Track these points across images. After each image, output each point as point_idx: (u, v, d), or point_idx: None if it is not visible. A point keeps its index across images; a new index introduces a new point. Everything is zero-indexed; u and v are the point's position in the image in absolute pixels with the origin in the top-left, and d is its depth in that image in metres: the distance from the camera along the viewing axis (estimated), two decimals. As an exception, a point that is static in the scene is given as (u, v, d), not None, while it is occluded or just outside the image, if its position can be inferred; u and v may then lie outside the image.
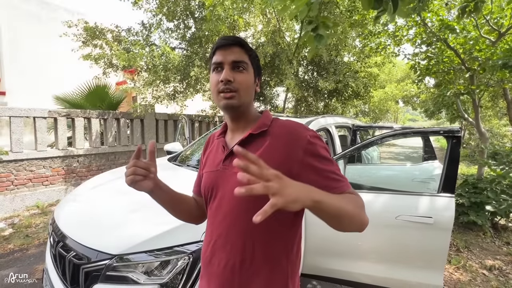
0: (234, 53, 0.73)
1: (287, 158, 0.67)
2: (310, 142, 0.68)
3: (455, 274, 2.55)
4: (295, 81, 5.76)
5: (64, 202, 1.69)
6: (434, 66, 4.57)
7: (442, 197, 1.65)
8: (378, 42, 5.44)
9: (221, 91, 0.71)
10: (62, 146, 4.45)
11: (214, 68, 0.75)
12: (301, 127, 0.72)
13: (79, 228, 1.35)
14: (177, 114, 6.47)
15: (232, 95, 0.71)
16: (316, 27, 1.18)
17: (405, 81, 13.48)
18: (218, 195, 0.74)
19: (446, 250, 1.61)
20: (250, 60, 0.76)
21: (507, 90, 4.71)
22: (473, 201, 3.41)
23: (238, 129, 0.79)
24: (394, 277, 1.72)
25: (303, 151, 0.67)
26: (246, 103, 0.75)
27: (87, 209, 1.56)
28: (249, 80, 0.75)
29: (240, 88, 0.72)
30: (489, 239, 3.24)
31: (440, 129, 1.81)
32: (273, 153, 0.69)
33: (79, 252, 1.21)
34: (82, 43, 5.53)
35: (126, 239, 1.23)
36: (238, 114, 0.76)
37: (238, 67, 0.73)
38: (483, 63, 3.80)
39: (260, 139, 0.72)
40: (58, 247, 1.31)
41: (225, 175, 0.73)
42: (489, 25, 4.07)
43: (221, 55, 0.73)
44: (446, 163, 1.70)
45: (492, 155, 4.14)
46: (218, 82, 0.72)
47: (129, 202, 1.57)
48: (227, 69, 0.72)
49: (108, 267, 1.14)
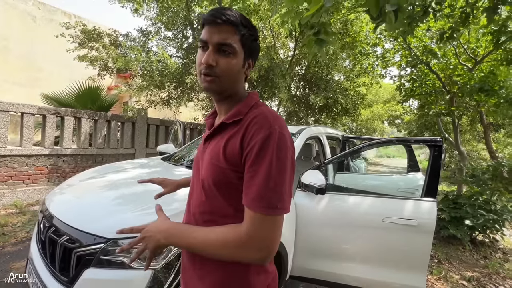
0: (221, 33, 0.64)
1: (239, 148, 0.63)
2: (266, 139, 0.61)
3: (437, 284, 2.62)
4: (287, 95, 5.95)
5: (57, 191, 1.67)
6: (418, 89, 4.89)
7: (425, 202, 1.75)
8: (367, 63, 5.78)
9: (202, 73, 0.66)
10: (49, 144, 4.33)
11: (200, 45, 0.67)
12: (267, 121, 0.63)
13: (72, 213, 1.34)
14: (170, 119, 6.49)
15: (212, 79, 0.65)
16: (317, 31, 1.29)
17: (391, 102, 14.14)
18: (193, 178, 0.78)
19: (429, 252, 1.69)
20: (241, 42, 0.66)
21: (483, 115, 5.08)
22: (453, 215, 3.56)
23: (221, 112, 0.75)
24: (380, 279, 1.77)
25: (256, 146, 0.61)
26: (229, 89, 0.69)
27: (80, 197, 1.55)
28: (234, 65, 0.66)
29: (222, 74, 0.65)
30: (468, 253, 3.36)
31: (423, 139, 1.95)
32: (232, 142, 0.64)
33: (73, 236, 1.20)
34: (79, 44, 5.56)
35: (120, 225, 1.23)
36: (220, 98, 0.72)
37: (224, 50, 0.65)
38: (461, 87, 4.11)
39: (232, 127, 0.67)
40: (49, 233, 1.29)
41: (201, 161, 0.73)
42: (466, 54, 4.45)
43: (207, 33, 0.65)
44: (429, 170, 1.81)
45: (471, 175, 4.38)
46: (201, 63, 0.65)
47: (121, 193, 1.58)
48: (210, 51, 0.64)
49: (102, 250, 1.14)
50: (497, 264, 3.09)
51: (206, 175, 0.68)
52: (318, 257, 1.85)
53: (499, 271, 2.95)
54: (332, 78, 6.75)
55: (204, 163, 0.71)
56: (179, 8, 5.58)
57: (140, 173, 1.98)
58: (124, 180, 1.78)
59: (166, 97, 5.93)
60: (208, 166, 0.68)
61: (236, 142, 0.64)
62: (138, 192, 1.56)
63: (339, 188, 2.28)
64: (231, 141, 0.65)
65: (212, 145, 0.71)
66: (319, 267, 1.85)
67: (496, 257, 3.32)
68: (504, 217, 3.40)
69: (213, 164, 0.67)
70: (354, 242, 1.82)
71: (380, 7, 1.11)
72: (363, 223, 1.80)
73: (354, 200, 1.88)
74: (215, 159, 0.67)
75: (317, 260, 1.85)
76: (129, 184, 1.70)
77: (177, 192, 1.10)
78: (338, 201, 1.88)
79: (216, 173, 0.66)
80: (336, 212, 1.85)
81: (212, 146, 0.70)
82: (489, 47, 4.07)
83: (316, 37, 1.29)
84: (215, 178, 0.66)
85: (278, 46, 7.63)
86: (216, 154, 0.67)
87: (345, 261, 1.83)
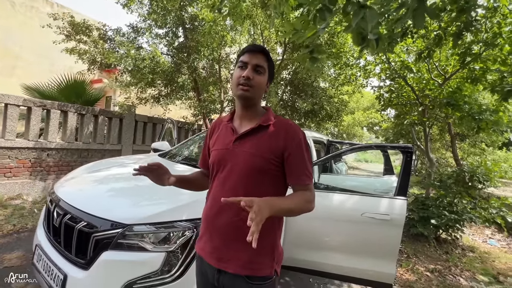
0: (258, 59, 0.94)
1: (283, 146, 0.92)
2: (301, 140, 0.94)
3: (405, 275, 2.95)
4: (276, 99, 6.19)
5: (64, 181, 1.75)
6: (395, 99, 5.33)
7: (397, 200, 2.03)
8: (351, 73, 6.17)
9: (240, 83, 0.92)
10: (33, 137, 4.23)
11: (239, 65, 0.95)
12: (298, 128, 0.97)
13: (89, 202, 1.45)
14: (159, 117, 6.48)
15: (248, 88, 0.92)
16: (312, 50, 1.51)
17: (370, 110, 14.91)
18: (226, 167, 0.93)
19: (399, 243, 1.97)
20: (268, 67, 0.98)
21: (451, 126, 5.62)
22: (421, 215, 3.96)
23: (246, 117, 0.99)
24: (358, 267, 2.02)
25: (296, 144, 0.92)
26: (257, 97, 0.97)
27: (93, 187, 1.65)
28: (263, 81, 0.96)
29: (255, 85, 0.93)
30: (433, 249, 3.76)
31: (398, 145, 2.25)
32: (273, 140, 0.92)
33: (92, 222, 1.32)
34: (66, 36, 5.44)
35: (136, 213, 1.37)
36: (248, 104, 0.97)
37: (258, 70, 0.94)
38: (432, 100, 4.57)
39: (265, 129, 0.94)
40: (64, 219, 1.39)
41: (235, 152, 0.93)
42: (437, 70, 4.94)
43: (248, 57, 0.94)
44: (401, 172, 2.10)
45: (439, 180, 4.84)
46: (240, 77, 0.92)
47: (133, 185, 1.71)
48: (250, 69, 0.92)
49: (120, 234, 1.27)
50: (456, 258, 3.50)
51: (250, 165, 0.90)
52: (305, 248, 2.06)
53: (457, 264, 3.35)
54: (318, 85, 7.09)
55: (245, 155, 0.92)
56: (173, 8, 5.62)
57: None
58: (130, 174, 1.89)
59: (156, 94, 5.94)
60: (251, 158, 0.91)
61: (279, 140, 0.92)
62: (147, 185, 1.68)
63: (324, 187, 2.53)
64: (274, 139, 0.93)
65: (252, 141, 0.93)
66: (305, 257, 2.06)
67: (456, 253, 3.74)
68: (464, 217, 3.84)
69: (257, 156, 0.90)
70: (337, 234, 2.06)
71: (363, 36, 1.35)
72: (345, 217, 2.04)
73: (337, 198, 2.12)
74: (261, 151, 0.91)
75: (304, 250, 2.06)
76: (135, 178, 1.82)
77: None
78: (323, 198, 2.11)
79: (262, 163, 0.90)
80: (322, 207, 2.08)
81: (254, 142, 0.93)
82: (457, 66, 4.56)
83: (310, 55, 1.51)
84: (262, 167, 0.90)
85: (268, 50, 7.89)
86: (261, 147, 0.91)
87: (329, 251, 2.06)
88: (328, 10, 1.33)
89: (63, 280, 1.28)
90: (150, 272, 1.22)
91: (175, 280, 1.23)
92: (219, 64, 6.57)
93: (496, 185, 4.76)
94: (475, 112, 4.11)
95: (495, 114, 4.14)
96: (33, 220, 3.25)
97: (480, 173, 4.17)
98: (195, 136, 3.07)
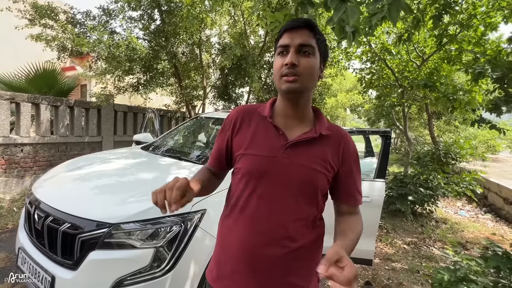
0: (302, 36, 0.71)
1: (341, 160, 0.78)
2: (357, 154, 0.82)
3: (384, 248, 3.17)
4: (259, 84, 6.12)
5: (43, 181, 1.69)
6: (376, 81, 5.43)
7: (377, 182, 2.14)
8: (333, 56, 6.17)
9: (284, 74, 0.71)
10: (3, 133, 3.98)
11: (280, 51, 0.73)
12: (351, 138, 0.83)
13: (71, 203, 1.42)
14: (140, 106, 6.26)
15: (294, 78, 0.70)
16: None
17: (353, 91, 15.14)
18: (272, 181, 0.74)
19: (378, 222, 2.10)
20: (318, 44, 0.73)
21: (428, 106, 5.84)
22: (400, 192, 4.20)
23: (295, 117, 0.78)
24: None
25: (354, 160, 0.80)
26: (309, 88, 0.74)
27: (74, 187, 1.61)
28: (315, 65, 0.72)
29: (304, 72, 0.70)
30: (410, 223, 4.04)
31: (378, 130, 2.33)
32: (331, 153, 0.77)
33: (76, 223, 1.30)
34: (29, 21, 4.99)
35: (121, 212, 1.36)
36: (298, 100, 0.75)
37: (304, 51, 0.71)
38: (411, 82, 4.70)
39: (322, 138, 0.77)
40: (46, 222, 1.36)
41: (283, 163, 0.74)
42: (416, 52, 5.04)
43: (288, 38, 0.71)
44: (380, 156, 2.20)
45: (416, 158, 5.11)
46: (282, 66, 0.71)
47: (115, 181, 1.68)
48: (292, 52, 0.70)
49: (107, 234, 1.26)
50: (430, 230, 3.79)
51: (308, 181, 0.74)
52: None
53: (431, 235, 3.63)
54: (301, 68, 7.05)
55: (301, 169, 0.74)
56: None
57: (125, 163, 2.05)
58: (113, 170, 1.85)
59: (135, 83, 5.69)
60: (309, 173, 0.74)
61: (337, 153, 0.78)
62: (132, 181, 1.67)
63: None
64: (332, 152, 0.77)
65: (308, 151, 0.75)
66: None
67: (430, 225, 4.05)
68: (437, 193, 4.12)
69: (316, 171, 0.74)
70: (324, 217, 2.16)
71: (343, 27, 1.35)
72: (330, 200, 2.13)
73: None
74: (320, 166, 0.75)
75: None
76: (118, 174, 1.79)
77: None
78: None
79: (321, 180, 0.75)
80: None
81: (311, 152, 0.75)
82: (434, 48, 4.67)
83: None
84: (320, 185, 0.75)
85: (249, 33, 7.65)
86: (319, 160, 0.75)
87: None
88: (310, 3, 1.31)
89: (51, 282, 1.27)
90: (139, 268, 1.24)
91: (165, 274, 1.26)
92: (200, 48, 6.34)
93: (468, 160, 5.10)
94: (450, 93, 4.29)
95: (469, 94, 4.34)
96: (13, 220, 3.15)
97: (453, 151, 4.44)
98: (179, 126, 3.01)
